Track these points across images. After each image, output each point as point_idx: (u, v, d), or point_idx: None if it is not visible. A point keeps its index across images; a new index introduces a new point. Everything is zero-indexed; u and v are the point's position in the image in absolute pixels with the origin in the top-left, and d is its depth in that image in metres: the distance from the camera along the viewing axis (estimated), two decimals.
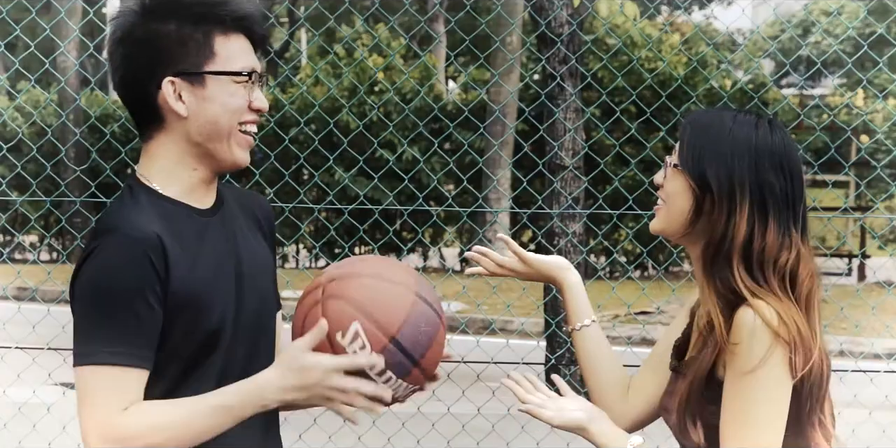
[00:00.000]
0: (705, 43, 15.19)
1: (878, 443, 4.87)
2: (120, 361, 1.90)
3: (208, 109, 2.01)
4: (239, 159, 2.05)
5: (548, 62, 5.30)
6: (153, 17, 2.02)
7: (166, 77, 2.00)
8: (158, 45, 2.00)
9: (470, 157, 14.74)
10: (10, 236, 18.07)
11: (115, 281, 1.91)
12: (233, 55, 2.02)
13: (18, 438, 4.85)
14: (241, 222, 2.14)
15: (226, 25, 2.02)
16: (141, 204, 2.00)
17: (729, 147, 2.06)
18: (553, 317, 5.29)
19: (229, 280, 2.03)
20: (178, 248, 1.96)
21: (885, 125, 14.87)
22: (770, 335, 2.00)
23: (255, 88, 2.05)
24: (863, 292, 6.88)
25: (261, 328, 2.10)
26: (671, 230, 2.13)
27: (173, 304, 1.94)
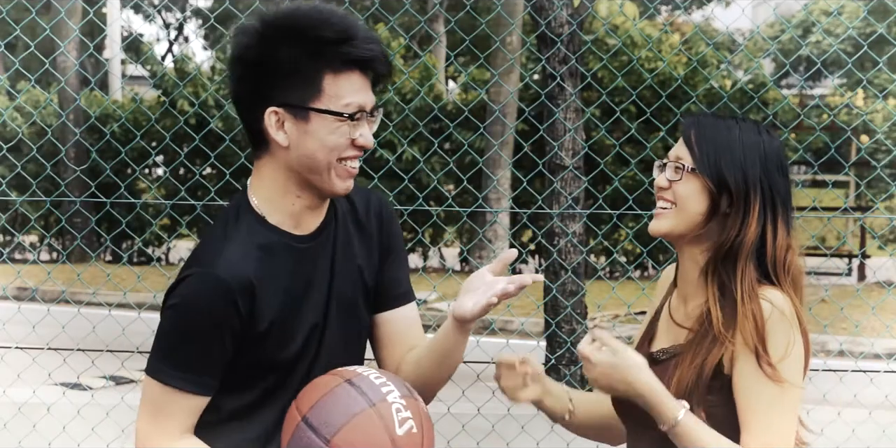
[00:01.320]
0: (705, 43, 15.19)
1: (878, 443, 4.87)
2: (183, 387, 2.02)
3: (308, 143, 2.02)
4: (339, 189, 2.07)
5: (548, 62, 5.30)
6: (270, 40, 2.01)
7: (270, 106, 2.01)
8: (268, 73, 2.01)
9: (470, 157, 14.74)
10: (10, 236, 18.06)
11: (197, 316, 2.00)
12: (341, 93, 2.01)
13: (18, 438, 4.85)
14: (348, 239, 2.15)
15: (341, 64, 2.01)
16: (241, 234, 2.04)
17: (741, 151, 2.15)
18: (553, 317, 5.29)
19: (318, 308, 2.09)
20: (267, 285, 2.02)
21: (885, 125, 14.87)
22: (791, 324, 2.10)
23: (362, 125, 2.05)
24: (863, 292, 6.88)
25: (346, 347, 2.15)
26: (680, 231, 2.18)
27: (257, 336, 2.03)
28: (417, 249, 17.04)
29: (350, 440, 1.93)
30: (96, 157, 5.85)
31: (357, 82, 2.03)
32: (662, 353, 2.22)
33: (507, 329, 9.96)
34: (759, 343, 2.08)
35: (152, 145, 15.49)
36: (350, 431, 1.94)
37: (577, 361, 5.27)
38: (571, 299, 5.26)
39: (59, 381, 5.81)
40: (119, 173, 15.01)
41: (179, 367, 2.01)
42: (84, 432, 4.83)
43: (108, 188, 11.72)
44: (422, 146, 15.13)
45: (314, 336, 2.08)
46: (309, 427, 1.95)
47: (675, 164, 2.18)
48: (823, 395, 5.01)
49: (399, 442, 1.94)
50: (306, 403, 1.98)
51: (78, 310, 5.07)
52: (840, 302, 5.91)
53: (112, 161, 7.29)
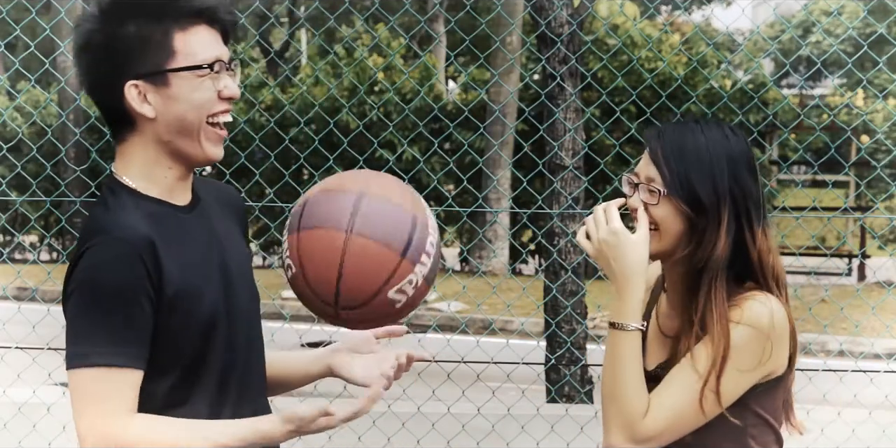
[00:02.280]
0: (705, 43, 15.19)
1: (878, 443, 4.87)
2: (114, 362, 1.91)
3: (175, 107, 2.00)
4: (211, 154, 2.05)
5: (548, 62, 5.30)
6: (111, 20, 2.00)
7: (129, 81, 1.99)
8: (118, 50, 1.99)
9: (470, 157, 14.74)
10: (10, 236, 18.06)
11: (108, 282, 1.92)
12: (194, 49, 2.00)
13: (18, 438, 4.85)
14: (218, 216, 2.15)
15: (185, 19, 2.00)
16: (126, 205, 2.01)
17: (708, 161, 2.13)
18: (553, 317, 5.29)
19: (216, 273, 2.05)
20: (166, 248, 1.97)
21: (885, 125, 14.87)
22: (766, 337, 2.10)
23: (223, 77, 2.04)
24: (863, 292, 6.88)
25: (253, 317, 2.13)
26: (665, 251, 2.18)
27: (166, 303, 1.96)
28: None
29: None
30: (96, 157, 5.84)
31: (206, 36, 2.02)
32: (661, 368, 2.21)
33: (507, 329, 9.97)
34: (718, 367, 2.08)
35: None
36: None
37: (577, 361, 5.27)
38: (571, 299, 5.26)
39: (59, 381, 5.81)
40: None
41: (105, 343, 1.91)
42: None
43: None
44: (422, 146, 15.13)
45: (221, 305, 2.03)
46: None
47: (647, 187, 2.16)
48: (823, 395, 5.01)
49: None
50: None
51: None
52: (840, 302, 5.91)
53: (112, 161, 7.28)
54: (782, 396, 2.22)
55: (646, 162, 2.18)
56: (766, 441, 2.20)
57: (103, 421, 1.90)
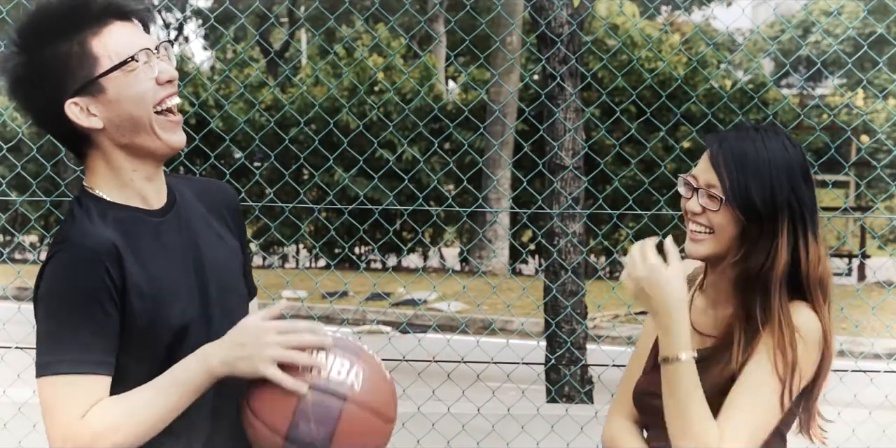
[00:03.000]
0: (705, 43, 15.19)
1: (878, 443, 4.87)
2: (78, 370, 1.90)
3: (118, 109, 1.99)
4: (171, 142, 2.03)
5: (548, 62, 5.30)
6: (29, 48, 1.98)
7: (67, 102, 1.98)
8: (45, 77, 1.98)
9: (470, 157, 14.74)
10: (10, 236, 18.06)
11: (70, 289, 1.91)
12: (114, 48, 1.98)
13: (18, 438, 4.85)
14: (199, 216, 2.12)
15: (93, 23, 1.98)
16: (91, 213, 1.99)
17: (768, 171, 2.16)
18: (553, 317, 5.29)
19: (189, 276, 2.03)
20: (132, 252, 1.96)
21: (885, 125, 14.88)
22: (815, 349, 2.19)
23: (155, 63, 2.01)
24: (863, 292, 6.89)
25: (230, 319, 2.06)
26: (718, 255, 2.21)
27: (133, 307, 1.94)
28: (417, 249, 17.04)
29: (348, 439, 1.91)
30: None
31: (122, 31, 2.00)
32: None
33: (507, 329, 9.97)
34: (790, 373, 2.15)
35: None
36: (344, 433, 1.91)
37: (577, 361, 5.27)
38: (571, 299, 5.26)
39: None
40: None
41: (73, 350, 1.89)
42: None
43: None
44: (422, 146, 15.13)
45: (195, 310, 2.02)
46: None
47: (708, 193, 2.18)
48: (823, 395, 5.01)
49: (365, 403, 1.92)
50: (280, 424, 1.90)
51: None
52: (840, 302, 5.90)
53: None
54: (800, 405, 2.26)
55: (706, 167, 2.21)
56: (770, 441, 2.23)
57: (69, 426, 1.89)
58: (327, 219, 15.37)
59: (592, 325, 10.69)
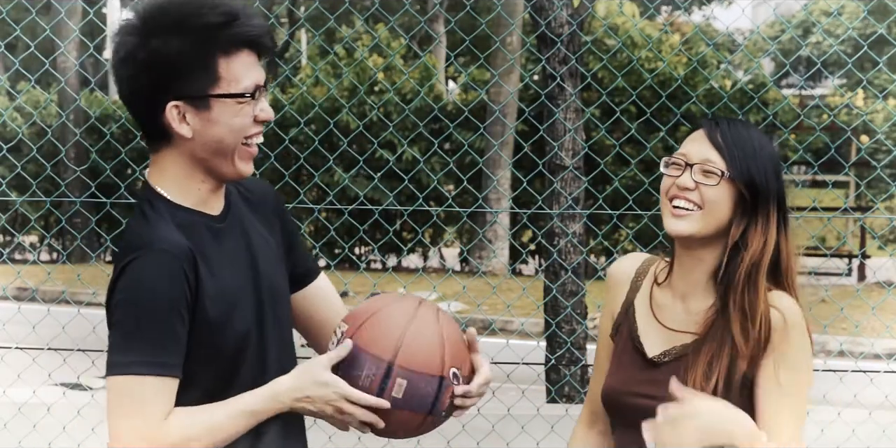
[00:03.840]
0: (705, 43, 15.19)
1: (878, 443, 4.87)
2: (157, 372, 1.97)
3: (213, 130, 2.03)
4: (242, 171, 2.09)
5: (548, 62, 5.30)
6: (154, 35, 1.99)
7: (171, 101, 2.00)
8: (161, 70, 1.99)
9: (470, 157, 14.74)
10: (11, 236, 18.07)
11: (152, 295, 1.97)
12: (237, 75, 2.02)
13: (18, 438, 4.85)
14: (250, 221, 2.17)
15: (231, 46, 2.01)
16: (163, 216, 2.04)
17: (762, 157, 2.19)
18: (553, 317, 5.29)
19: (249, 285, 2.09)
20: (203, 259, 2.02)
21: (885, 125, 14.89)
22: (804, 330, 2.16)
23: (260, 100, 2.06)
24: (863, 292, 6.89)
25: (282, 323, 2.16)
26: (704, 234, 2.19)
27: (204, 313, 2.01)
28: (417, 249, 17.03)
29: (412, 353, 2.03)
30: (96, 158, 5.85)
31: (248, 61, 2.03)
32: (664, 355, 2.22)
33: (507, 329, 9.97)
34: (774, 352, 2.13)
35: None
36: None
37: (577, 361, 5.27)
38: (571, 299, 5.26)
39: (59, 381, 5.81)
40: (119, 174, 14.98)
41: (146, 352, 1.96)
42: (84, 432, 4.82)
43: (108, 188, 11.71)
44: (422, 146, 15.12)
45: (252, 317, 2.08)
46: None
47: (704, 167, 2.17)
48: (823, 395, 5.01)
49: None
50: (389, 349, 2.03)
51: (78, 310, 5.07)
52: (840, 302, 5.90)
53: (112, 161, 7.27)
54: None
55: (700, 145, 2.20)
56: None
57: (148, 425, 1.97)
58: (327, 219, 15.37)
59: (592, 325, 10.67)
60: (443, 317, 2.09)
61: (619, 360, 2.28)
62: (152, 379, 1.97)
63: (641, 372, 2.24)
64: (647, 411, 2.14)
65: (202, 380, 2.03)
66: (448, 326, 2.08)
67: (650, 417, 2.11)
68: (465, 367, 2.11)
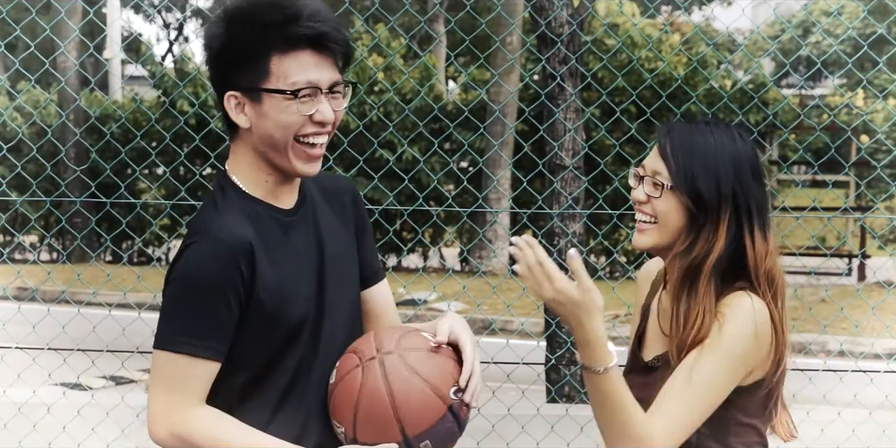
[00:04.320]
0: (705, 43, 15.19)
1: (878, 443, 4.87)
2: (195, 352, 2.05)
3: (264, 124, 2.09)
4: (300, 170, 2.13)
5: (548, 62, 5.30)
6: (230, 28, 2.10)
7: (229, 91, 2.10)
8: (226, 61, 2.10)
9: (470, 157, 14.74)
10: (10, 236, 18.07)
11: (203, 279, 2.05)
12: (288, 73, 2.08)
13: (18, 438, 4.84)
14: (323, 212, 2.23)
15: (287, 43, 2.07)
16: (232, 205, 2.11)
17: (714, 160, 2.16)
18: (553, 317, 5.29)
19: (311, 277, 2.14)
20: (264, 251, 2.08)
21: (885, 125, 14.88)
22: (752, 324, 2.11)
23: (318, 102, 2.10)
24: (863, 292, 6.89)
25: (344, 318, 2.20)
26: (664, 245, 2.20)
27: (258, 303, 2.07)
28: (417, 249, 17.03)
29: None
30: (96, 158, 5.85)
31: (306, 61, 2.08)
32: (657, 360, 2.25)
33: (507, 329, 9.96)
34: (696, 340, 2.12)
35: (152, 145, 15.47)
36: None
37: (577, 361, 5.27)
38: None
39: (59, 381, 5.82)
40: (119, 173, 14.99)
41: (190, 333, 2.05)
42: (84, 432, 4.83)
43: (108, 188, 11.71)
44: (422, 146, 15.12)
45: (311, 307, 2.13)
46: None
47: (652, 180, 2.19)
48: (823, 395, 5.01)
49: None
50: (413, 429, 2.08)
51: (78, 310, 5.07)
52: (840, 302, 5.91)
53: (112, 161, 7.28)
54: (766, 400, 2.22)
55: (653, 156, 2.21)
56: (750, 442, 2.21)
57: (175, 406, 2.05)
58: None
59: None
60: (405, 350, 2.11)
61: (627, 364, 2.31)
62: (193, 360, 2.05)
63: (638, 376, 2.26)
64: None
65: (249, 363, 2.10)
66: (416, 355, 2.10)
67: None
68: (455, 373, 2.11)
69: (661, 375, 2.18)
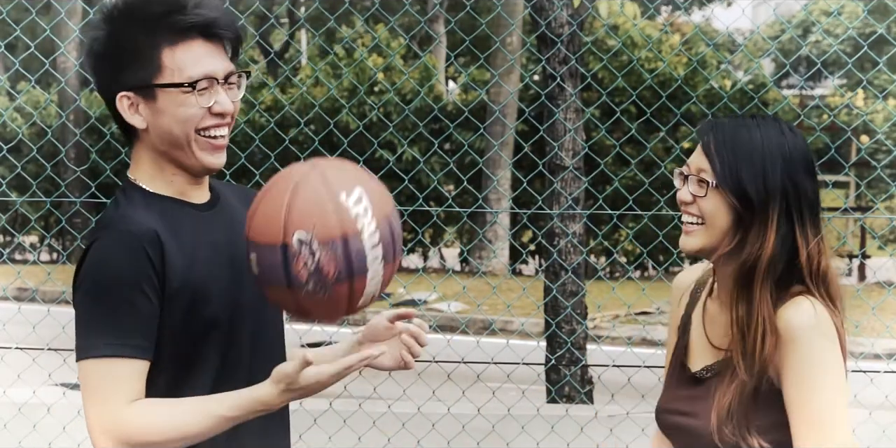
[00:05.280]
0: (705, 43, 15.19)
1: (878, 443, 4.87)
2: (120, 353, 1.93)
3: (162, 121, 2.01)
4: (207, 163, 2.05)
5: (548, 62, 5.30)
6: (113, 28, 2.02)
7: (121, 92, 2.02)
8: (113, 61, 2.02)
9: (470, 157, 14.75)
10: (11, 237, 18.07)
11: (113, 274, 1.94)
12: (181, 65, 2.00)
13: (18, 438, 4.85)
14: (240, 215, 2.13)
15: (175, 34, 2.00)
16: (136, 202, 2.03)
17: (761, 155, 2.06)
18: (553, 317, 5.29)
19: (227, 271, 2.05)
20: (174, 242, 1.98)
21: (885, 125, 14.89)
22: (831, 328, 2.03)
23: (217, 92, 2.02)
24: (863, 292, 6.88)
25: (264, 317, 2.11)
26: (711, 247, 2.09)
27: (172, 296, 1.97)
28: (417, 250, 17.04)
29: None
30: (96, 158, 5.85)
31: (199, 51, 2.01)
32: (706, 370, 2.15)
33: (507, 329, 9.96)
34: (778, 365, 2.03)
35: None
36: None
37: (577, 362, 5.27)
38: (571, 300, 5.26)
39: (59, 382, 5.81)
40: (119, 174, 14.95)
41: (112, 334, 1.92)
42: (84, 432, 4.82)
43: (108, 189, 11.70)
44: (422, 146, 15.13)
45: (229, 303, 2.03)
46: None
47: (697, 178, 2.09)
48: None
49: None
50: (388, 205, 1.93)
51: None
52: None
53: (112, 161, 7.26)
54: None
55: (697, 153, 2.11)
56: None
57: (109, 410, 1.92)
58: None
59: (592, 325, 10.68)
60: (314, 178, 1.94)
61: (670, 377, 2.22)
62: (116, 361, 1.92)
63: (685, 389, 2.16)
64: (684, 430, 2.10)
65: (167, 364, 1.98)
66: (307, 190, 1.90)
67: (687, 437, 2.08)
68: (324, 232, 1.84)
69: (711, 386, 2.10)
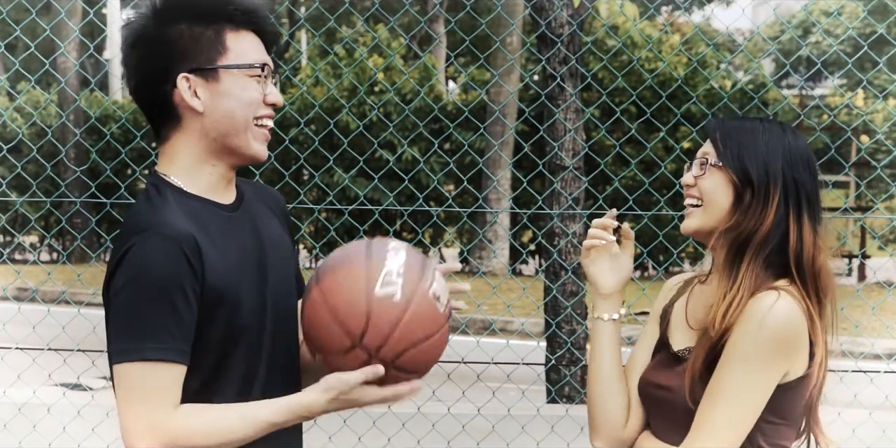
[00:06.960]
0: (705, 43, 15.19)
1: (878, 443, 4.87)
2: (166, 357, 1.94)
3: (223, 104, 2.04)
4: (257, 152, 2.09)
5: (548, 63, 5.30)
6: (163, 18, 2.05)
7: (181, 74, 2.03)
8: (171, 44, 2.04)
9: (470, 157, 14.74)
10: (11, 237, 18.07)
11: (155, 278, 1.93)
12: (245, 50, 2.06)
13: (18, 439, 4.85)
14: (262, 214, 2.18)
15: (235, 22, 2.06)
16: (169, 202, 2.03)
17: (764, 146, 2.16)
18: (553, 317, 5.29)
19: (255, 272, 2.07)
20: (209, 245, 2.00)
21: (885, 125, 14.89)
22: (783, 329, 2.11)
23: (268, 83, 2.09)
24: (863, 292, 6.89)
25: (287, 316, 2.14)
26: (710, 227, 2.19)
27: (208, 300, 1.98)
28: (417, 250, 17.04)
29: (330, 285, 1.93)
30: (96, 158, 5.85)
31: (255, 41, 2.09)
32: (688, 350, 2.22)
33: (508, 329, 9.97)
34: (720, 331, 2.09)
35: (152, 146, 15.47)
36: (333, 275, 1.94)
37: (577, 362, 5.27)
38: (572, 300, 5.26)
39: (59, 382, 5.81)
40: (119, 174, 15.00)
41: (152, 338, 1.93)
42: (84, 432, 4.82)
43: (108, 188, 11.73)
44: (422, 146, 15.13)
45: (259, 306, 2.05)
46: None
47: (700, 161, 2.20)
48: (824, 395, 5.00)
49: (373, 300, 1.91)
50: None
51: (78, 310, 5.07)
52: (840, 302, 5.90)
53: (112, 162, 7.29)
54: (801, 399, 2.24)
55: (705, 144, 2.23)
56: (778, 443, 2.21)
57: (153, 413, 1.93)
58: (327, 219, 15.37)
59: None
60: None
61: (656, 357, 2.30)
62: (162, 365, 1.94)
63: (669, 365, 2.24)
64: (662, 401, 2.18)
65: (198, 370, 1.99)
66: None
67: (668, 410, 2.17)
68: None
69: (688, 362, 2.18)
